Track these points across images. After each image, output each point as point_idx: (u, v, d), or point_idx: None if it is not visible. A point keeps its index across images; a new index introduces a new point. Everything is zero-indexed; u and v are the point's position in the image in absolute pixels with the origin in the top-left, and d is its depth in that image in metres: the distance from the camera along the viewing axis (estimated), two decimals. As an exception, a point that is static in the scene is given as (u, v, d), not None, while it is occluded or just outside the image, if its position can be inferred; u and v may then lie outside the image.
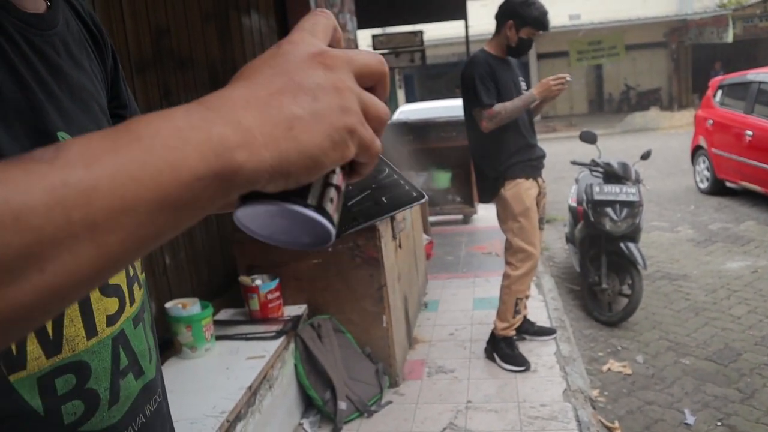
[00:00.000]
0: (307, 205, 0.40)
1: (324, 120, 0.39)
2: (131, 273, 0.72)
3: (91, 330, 0.63)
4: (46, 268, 0.31)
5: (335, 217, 0.42)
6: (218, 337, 2.75)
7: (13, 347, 0.56)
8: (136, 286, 0.72)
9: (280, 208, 0.40)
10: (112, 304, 0.66)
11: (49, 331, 0.59)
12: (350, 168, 0.45)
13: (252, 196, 0.40)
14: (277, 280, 2.96)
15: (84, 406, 0.62)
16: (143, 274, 0.75)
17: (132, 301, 0.71)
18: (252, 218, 0.42)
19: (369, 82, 0.44)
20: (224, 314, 3.06)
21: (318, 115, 0.38)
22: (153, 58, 2.97)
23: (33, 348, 0.58)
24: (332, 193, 0.42)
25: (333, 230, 0.42)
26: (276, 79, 0.39)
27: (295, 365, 2.88)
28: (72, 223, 0.31)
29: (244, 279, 2.95)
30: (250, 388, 2.31)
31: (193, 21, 3.34)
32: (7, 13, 0.58)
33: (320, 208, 0.41)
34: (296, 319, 2.93)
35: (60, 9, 0.67)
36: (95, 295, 0.64)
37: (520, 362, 3.32)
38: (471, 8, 7.12)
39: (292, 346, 2.87)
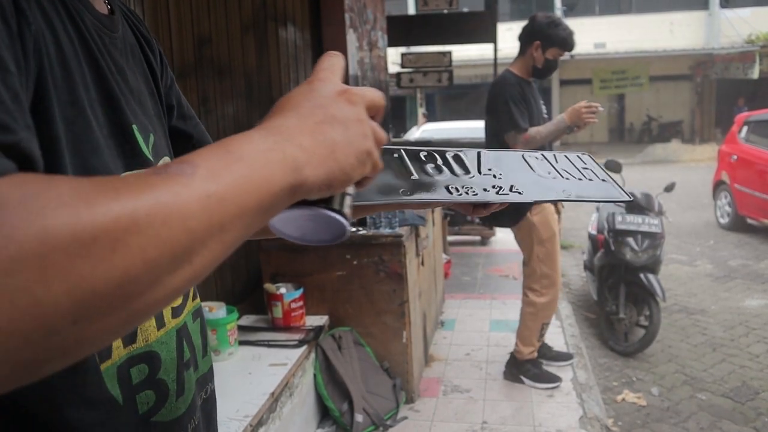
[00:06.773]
0: (334, 210, 0.51)
1: (353, 144, 0.50)
2: None
3: (159, 321, 0.67)
4: (193, 260, 0.39)
5: (349, 217, 0.54)
6: (241, 342, 2.78)
7: None
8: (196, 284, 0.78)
9: (314, 212, 0.51)
10: None
11: None
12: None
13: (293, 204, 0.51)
14: (301, 290, 3.00)
15: (155, 396, 0.65)
16: None
17: (194, 296, 0.76)
18: (284, 221, 0.53)
19: (373, 112, 0.56)
20: (247, 320, 3.10)
21: (350, 141, 0.50)
22: (194, 65, 3.05)
23: None
24: (349, 199, 0.53)
25: (349, 228, 0.53)
26: (317, 111, 0.49)
27: (315, 375, 2.91)
28: (212, 225, 0.39)
29: (269, 286, 2.99)
30: (272, 394, 2.35)
31: (233, 31, 3.42)
32: (86, 10, 0.62)
33: (342, 213, 0.52)
34: (318, 330, 2.96)
35: (119, 16, 0.71)
36: None
37: (551, 379, 3.35)
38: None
39: (312, 355, 2.90)
